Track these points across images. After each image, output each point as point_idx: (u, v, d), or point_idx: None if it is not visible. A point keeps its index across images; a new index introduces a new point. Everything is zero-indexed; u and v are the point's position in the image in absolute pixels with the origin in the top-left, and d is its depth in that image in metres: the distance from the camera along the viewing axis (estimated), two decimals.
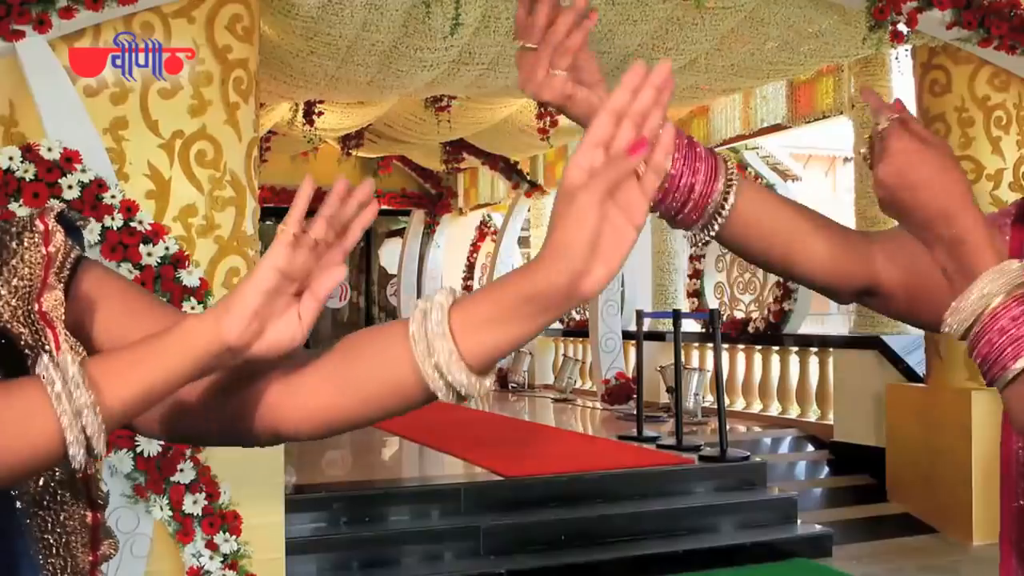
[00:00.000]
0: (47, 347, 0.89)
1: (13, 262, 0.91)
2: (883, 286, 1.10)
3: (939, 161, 0.92)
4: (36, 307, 0.89)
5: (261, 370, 0.91)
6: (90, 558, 0.92)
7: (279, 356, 0.83)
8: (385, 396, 0.88)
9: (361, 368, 0.88)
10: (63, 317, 0.90)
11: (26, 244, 0.92)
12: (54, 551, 0.89)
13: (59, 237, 0.93)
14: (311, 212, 0.90)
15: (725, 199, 1.04)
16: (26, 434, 0.74)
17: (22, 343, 0.89)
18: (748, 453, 6.82)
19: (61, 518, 0.90)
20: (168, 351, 0.79)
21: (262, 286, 0.81)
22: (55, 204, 1.01)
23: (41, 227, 0.94)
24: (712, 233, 1.06)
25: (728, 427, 6.83)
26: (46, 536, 0.88)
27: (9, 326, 0.89)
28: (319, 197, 0.88)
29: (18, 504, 0.88)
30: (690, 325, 9.17)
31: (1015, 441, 1.05)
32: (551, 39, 1.01)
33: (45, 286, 0.90)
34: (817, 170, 19.34)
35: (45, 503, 0.89)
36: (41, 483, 0.89)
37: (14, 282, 0.90)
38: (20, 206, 4.07)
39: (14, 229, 0.94)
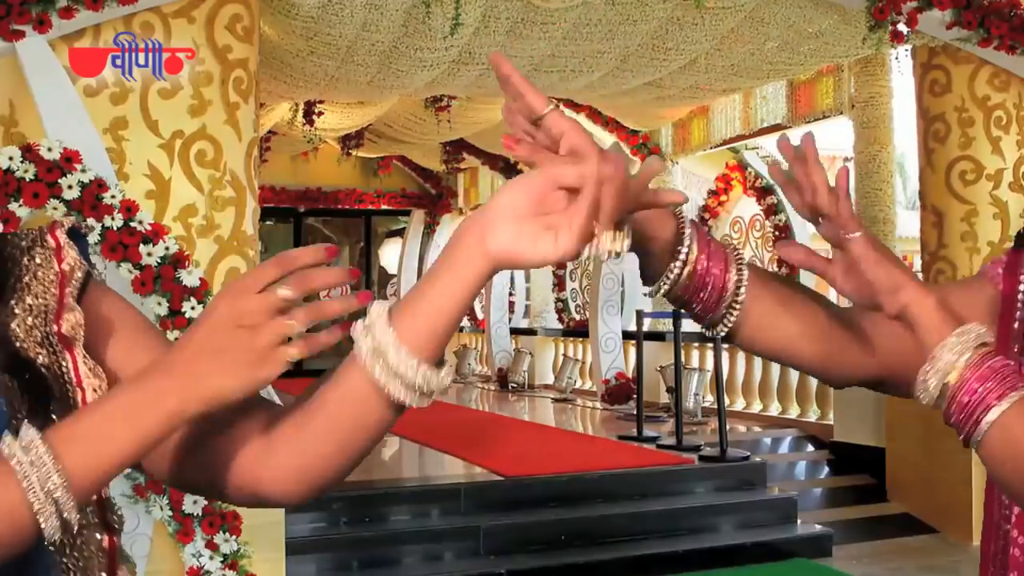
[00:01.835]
0: (65, 369, 0.88)
1: (26, 279, 0.89)
2: (883, 379, 1.11)
3: (883, 254, 0.98)
4: (55, 329, 0.88)
5: (239, 429, 0.90)
6: None
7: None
8: (353, 423, 0.86)
9: (325, 406, 0.87)
10: (82, 339, 0.89)
11: (38, 260, 0.90)
12: (72, 574, 0.88)
13: (72, 255, 0.91)
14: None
15: (736, 297, 1.03)
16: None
17: (39, 363, 0.87)
18: (748, 453, 6.82)
19: (78, 542, 0.89)
20: (135, 417, 0.77)
21: (266, 385, 0.80)
22: (64, 219, 0.98)
23: (52, 243, 0.92)
24: (727, 327, 1.05)
25: (728, 427, 6.83)
26: (64, 560, 0.88)
27: (25, 346, 0.87)
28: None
29: None
30: (690, 325, 9.15)
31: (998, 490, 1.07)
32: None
33: (63, 307, 0.89)
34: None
35: (66, 530, 0.89)
36: None
37: (28, 300, 0.88)
38: (20, 206, 4.07)
39: (23, 243, 0.91)
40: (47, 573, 0.86)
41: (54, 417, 0.87)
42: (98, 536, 0.91)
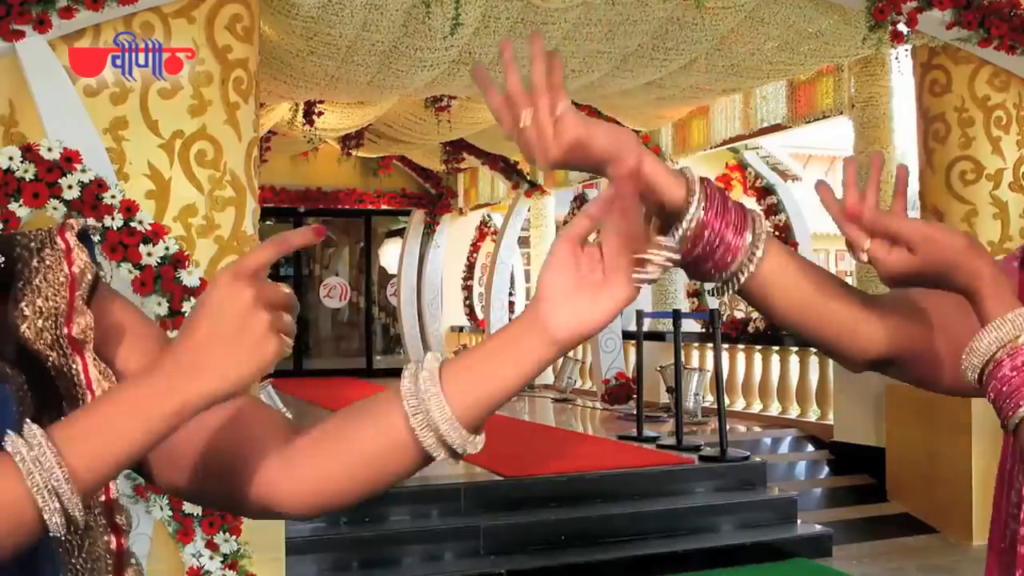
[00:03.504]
0: (75, 371, 0.88)
1: (36, 281, 0.89)
2: (890, 359, 1.10)
3: (946, 227, 0.97)
4: (65, 332, 0.88)
5: (257, 442, 0.91)
6: None
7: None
8: (382, 461, 0.88)
9: (357, 434, 0.88)
10: (92, 342, 0.89)
11: (48, 262, 0.90)
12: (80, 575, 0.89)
13: (83, 257, 0.92)
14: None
15: (751, 257, 1.03)
16: (1, 510, 0.73)
17: (49, 365, 0.87)
18: (748, 453, 6.82)
19: (86, 544, 0.89)
20: (141, 412, 0.77)
21: (265, 370, 0.80)
22: (74, 221, 0.98)
23: (62, 245, 0.92)
24: (733, 289, 1.05)
25: (728, 427, 6.83)
26: (73, 561, 0.88)
27: (35, 348, 0.87)
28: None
29: None
30: (690, 325, 9.17)
31: (1013, 481, 1.05)
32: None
33: (73, 310, 0.89)
34: (817, 170, 19.34)
35: (72, 528, 0.89)
36: None
37: (38, 302, 0.88)
38: (20, 206, 4.07)
39: (33, 245, 0.92)
40: (56, 574, 0.86)
41: (63, 419, 0.86)
42: (106, 538, 0.91)
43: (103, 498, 0.90)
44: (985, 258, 0.95)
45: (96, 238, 4.15)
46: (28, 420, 0.75)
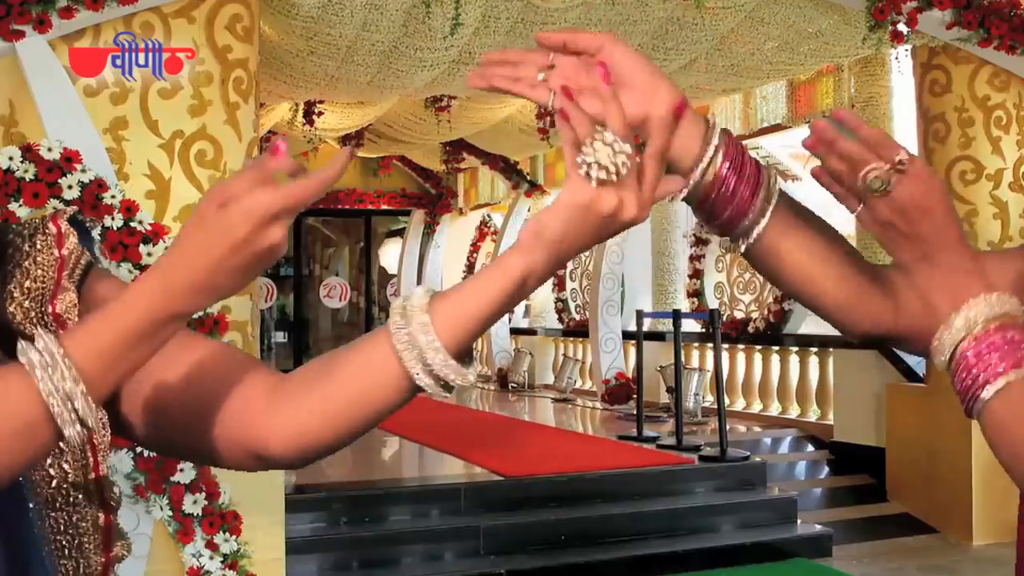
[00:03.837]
0: None
1: (26, 264, 0.91)
2: (893, 336, 1.09)
3: (947, 196, 0.93)
4: (50, 309, 0.89)
5: (241, 383, 0.90)
6: (102, 559, 0.92)
7: None
8: (368, 393, 0.86)
9: (344, 370, 0.87)
10: (77, 319, 0.90)
11: (39, 246, 0.92)
12: (66, 552, 0.89)
13: (72, 240, 0.93)
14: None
15: (760, 218, 1.01)
16: (15, 418, 0.73)
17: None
18: (748, 453, 6.82)
19: (74, 519, 0.89)
20: (138, 311, 0.76)
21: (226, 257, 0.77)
22: (67, 208, 0.98)
23: (54, 229, 0.93)
24: (741, 249, 1.03)
25: (728, 427, 6.83)
26: (58, 537, 0.88)
27: (22, 327, 0.89)
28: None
29: (31, 505, 0.88)
30: (690, 325, 9.17)
31: None
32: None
33: (59, 288, 0.90)
34: None
35: (58, 504, 0.89)
36: (54, 484, 0.89)
37: (27, 284, 0.90)
38: (20, 206, 4.07)
39: (26, 231, 0.93)
40: (38, 551, 0.87)
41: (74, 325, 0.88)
42: (95, 513, 0.91)
43: (92, 475, 0.91)
44: (962, 240, 0.93)
45: (96, 238, 4.15)
46: (40, 327, 0.76)
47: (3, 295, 0.90)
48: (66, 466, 0.89)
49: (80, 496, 0.90)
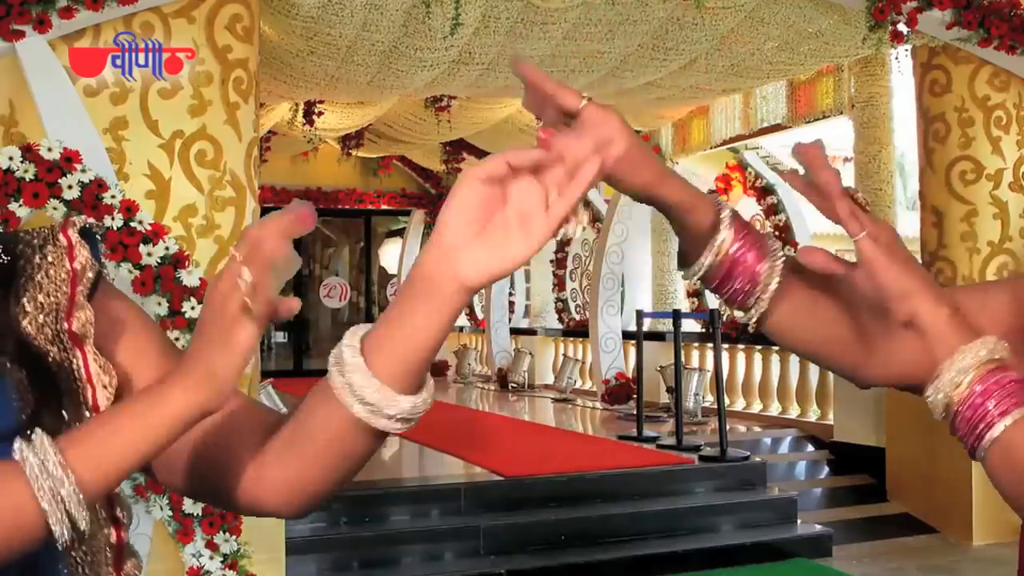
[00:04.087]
0: (75, 366, 0.89)
1: (38, 277, 0.90)
2: (907, 385, 1.10)
3: (902, 260, 0.93)
4: (66, 327, 0.89)
5: (238, 444, 0.92)
6: None
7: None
8: (338, 447, 0.87)
9: (310, 427, 0.88)
10: (92, 337, 0.90)
11: (50, 259, 0.91)
12: (80, 570, 0.89)
13: (84, 253, 0.92)
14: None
15: (768, 283, 1.03)
16: (6, 516, 0.73)
17: (50, 359, 0.88)
18: (748, 453, 6.82)
19: (87, 537, 0.90)
20: (145, 425, 0.77)
21: (246, 357, 0.79)
22: (76, 218, 0.98)
23: (64, 241, 0.93)
24: (757, 315, 1.06)
25: (728, 427, 6.83)
26: (73, 554, 0.88)
27: (37, 342, 0.88)
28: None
29: None
30: (690, 325, 9.17)
31: None
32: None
33: (74, 304, 0.90)
34: None
35: (77, 537, 0.90)
36: None
37: (40, 298, 0.89)
38: (20, 206, 4.07)
39: (36, 241, 0.93)
40: (55, 567, 0.87)
41: (64, 413, 0.88)
42: (107, 531, 0.91)
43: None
44: (942, 297, 0.92)
45: (98, 237, 4.14)
46: (38, 430, 0.76)
47: (17, 310, 0.89)
48: None
49: (93, 514, 0.90)
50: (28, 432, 0.76)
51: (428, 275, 0.79)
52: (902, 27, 5.55)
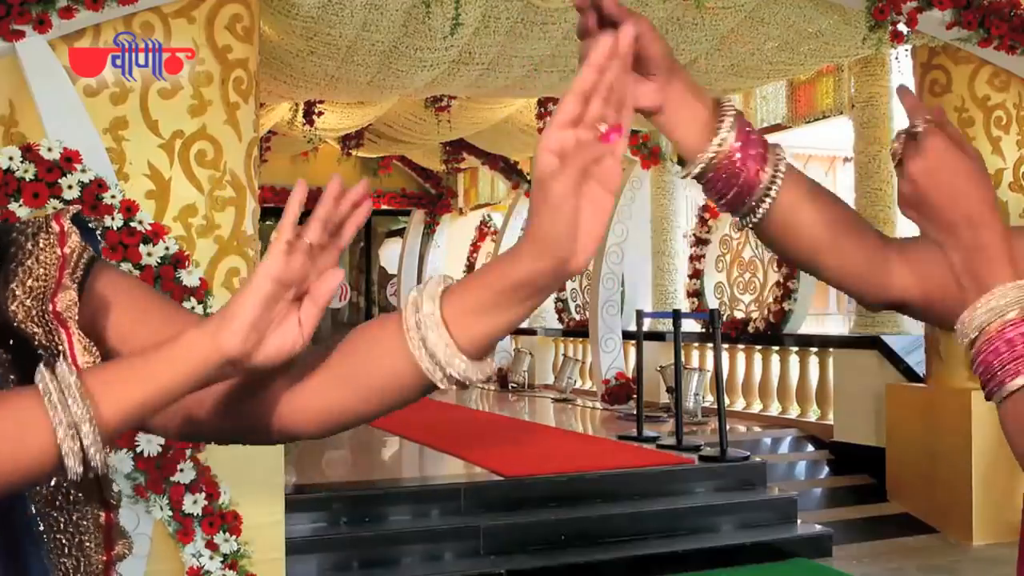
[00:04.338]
0: (60, 347, 0.89)
1: (28, 263, 0.91)
2: (911, 301, 1.08)
3: (972, 168, 0.92)
4: (50, 307, 0.90)
5: (268, 374, 0.91)
6: (104, 558, 0.92)
7: (281, 363, 0.83)
8: (386, 389, 0.89)
9: (360, 364, 0.89)
10: (77, 317, 0.90)
11: (41, 245, 0.92)
12: (66, 551, 0.89)
13: (74, 238, 0.94)
14: (311, 212, 0.89)
15: (768, 191, 1.01)
16: (21, 443, 0.73)
17: (36, 343, 0.89)
18: (748, 453, 6.82)
19: (74, 518, 0.90)
20: (167, 364, 0.78)
21: (259, 296, 0.80)
22: (70, 207, 0.99)
23: (57, 228, 0.94)
24: (751, 223, 1.03)
25: (728, 427, 6.83)
26: (58, 536, 0.88)
27: (24, 326, 0.89)
28: (316, 196, 0.87)
29: (30, 504, 0.88)
30: (690, 325, 9.17)
31: None
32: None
33: (59, 286, 0.91)
34: (817, 170, 19.34)
35: (58, 503, 0.89)
36: (54, 483, 0.89)
37: (29, 282, 0.90)
38: (20, 206, 4.07)
39: (29, 230, 0.94)
40: (37, 550, 0.87)
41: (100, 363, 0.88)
42: (96, 511, 0.91)
43: (91, 473, 0.91)
44: (1000, 225, 0.91)
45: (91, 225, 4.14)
46: (61, 358, 0.77)
47: (5, 294, 0.90)
48: None
49: (80, 495, 0.90)
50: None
51: (519, 250, 0.82)
52: (902, 27, 5.55)
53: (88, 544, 0.90)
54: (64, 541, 0.88)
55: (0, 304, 0.89)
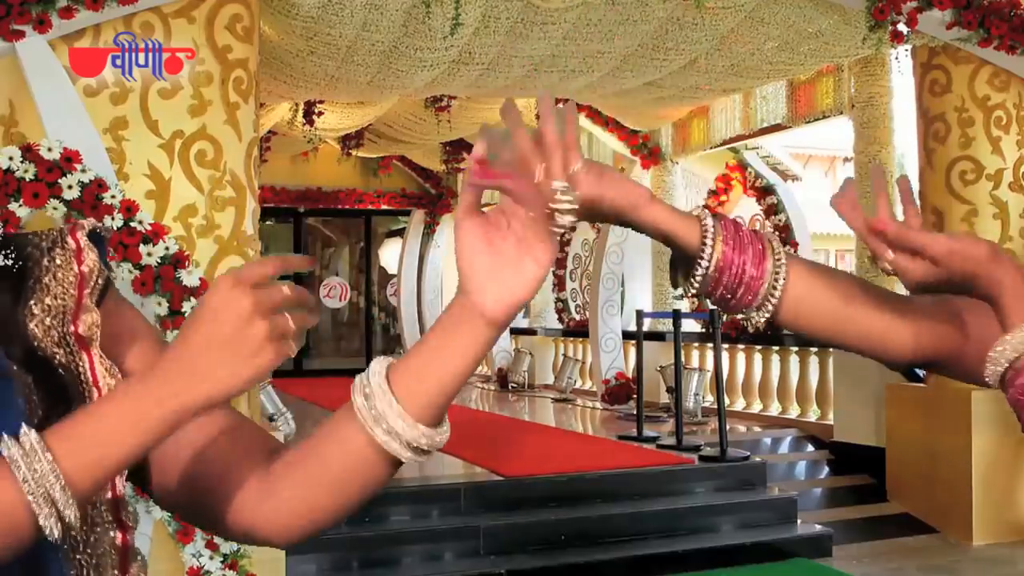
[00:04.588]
0: (81, 369, 0.88)
1: (45, 279, 0.90)
2: (933, 359, 1.10)
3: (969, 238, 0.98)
4: (72, 329, 0.88)
5: (237, 466, 0.91)
6: None
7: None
8: (352, 475, 0.87)
9: (323, 455, 0.88)
10: (98, 339, 0.90)
11: (58, 261, 0.91)
12: (85, 572, 0.88)
13: (92, 257, 0.92)
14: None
15: (775, 281, 1.03)
16: None
17: (56, 363, 0.88)
18: (748, 453, 6.82)
19: (91, 539, 0.89)
20: (134, 417, 0.76)
21: (262, 376, 0.79)
22: (85, 221, 0.98)
23: (73, 244, 0.92)
24: (766, 315, 1.05)
25: (728, 427, 6.83)
26: (78, 556, 0.88)
27: (43, 345, 0.88)
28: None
29: None
30: (690, 325, 9.16)
31: None
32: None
33: (80, 308, 0.89)
34: (817, 170, 19.35)
35: (67, 531, 0.89)
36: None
37: (47, 301, 0.89)
38: (20, 206, 4.07)
39: (44, 244, 0.92)
40: (60, 569, 0.87)
41: (59, 423, 0.86)
42: (111, 534, 0.91)
43: (109, 495, 0.91)
44: (1006, 266, 0.96)
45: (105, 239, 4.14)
46: (24, 424, 0.75)
47: (24, 312, 0.88)
48: None
49: (98, 516, 0.89)
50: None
51: (457, 315, 0.84)
52: (902, 27, 5.55)
53: (104, 566, 0.90)
54: (83, 562, 0.88)
55: (20, 324, 0.88)
